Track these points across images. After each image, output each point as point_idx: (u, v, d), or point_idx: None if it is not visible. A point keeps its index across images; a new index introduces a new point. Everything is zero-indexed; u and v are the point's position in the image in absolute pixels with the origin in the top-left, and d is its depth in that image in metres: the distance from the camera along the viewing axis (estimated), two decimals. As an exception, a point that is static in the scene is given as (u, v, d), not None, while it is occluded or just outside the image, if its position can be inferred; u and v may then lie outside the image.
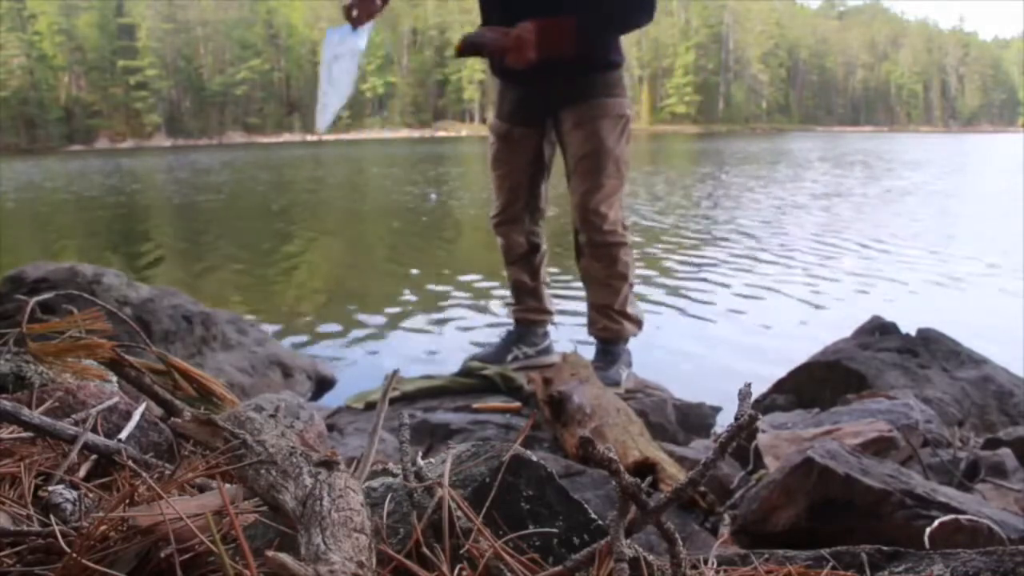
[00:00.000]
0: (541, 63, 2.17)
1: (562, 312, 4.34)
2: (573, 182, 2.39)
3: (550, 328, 2.77)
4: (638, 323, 2.55)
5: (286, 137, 64.67)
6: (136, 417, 0.91)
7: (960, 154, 25.72)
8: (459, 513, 0.60)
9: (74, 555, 0.55)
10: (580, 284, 2.61)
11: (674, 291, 5.13)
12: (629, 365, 2.55)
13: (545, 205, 2.61)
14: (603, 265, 2.42)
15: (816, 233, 7.66)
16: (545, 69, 2.21)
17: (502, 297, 4.71)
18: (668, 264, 6.12)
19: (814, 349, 2.65)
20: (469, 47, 2.19)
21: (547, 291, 2.70)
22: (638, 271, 2.72)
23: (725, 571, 0.65)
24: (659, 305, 4.67)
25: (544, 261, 2.67)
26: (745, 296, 5.00)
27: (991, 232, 7.56)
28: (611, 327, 2.50)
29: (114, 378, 1.12)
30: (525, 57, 2.14)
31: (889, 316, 2.81)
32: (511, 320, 2.74)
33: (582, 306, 2.62)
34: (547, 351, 2.70)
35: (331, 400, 3.01)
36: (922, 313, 4.16)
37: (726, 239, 7.37)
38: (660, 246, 6.97)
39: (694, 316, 4.55)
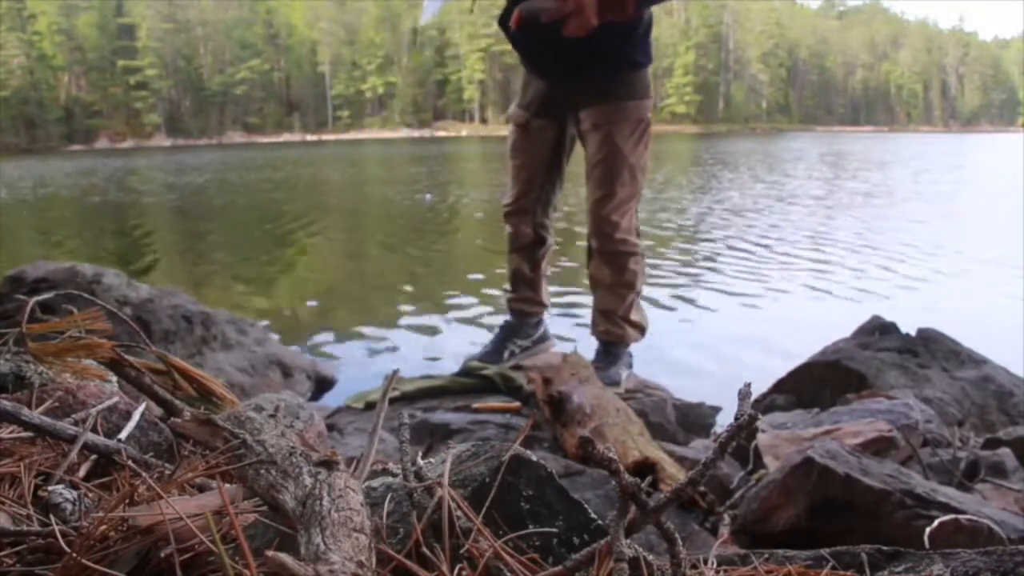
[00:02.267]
0: (567, 59, 2.12)
1: (563, 307, 4.35)
2: (589, 186, 2.37)
3: (545, 316, 2.75)
4: (642, 330, 2.54)
5: (286, 137, 64.69)
6: (136, 417, 0.91)
7: (958, 154, 25.70)
8: (459, 513, 0.60)
9: (74, 555, 0.55)
10: (582, 286, 2.60)
11: (673, 291, 5.13)
12: (630, 366, 2.54)
13: (558, 199, 2.60)
14: (611, 272, 2.40)
15: (809, 234, 7.66)
16: (570, 65, 2.17)
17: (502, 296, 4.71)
18: (666, 264, 6.12)
19: (814, 349, 2.65)
20: (529, 18, 2.06)
21: (545, 284, 2.69)
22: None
23: (725, 571, 0.65)
24: (659, 305, 4.67)
25: (548, 255, 2.65)
26: (745, 296, 5.00)
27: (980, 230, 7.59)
28: (614, 331, 2.49)
29: (114, 378, 1.12)
30: (587, 23, 1.89)
31: (889, 316, 2.81)
32: (506, 310, 2.73)
33: (584, 301, 2.61)
34: (543, 339, 2.68)
35: (331, 400, 3.01)
36: (922, 313, 4.17)
37: (723, 239, 7.37)
38: (656, 246, 6.98)
39: (694, 316, 4.55)
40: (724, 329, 4.26)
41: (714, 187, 13.17)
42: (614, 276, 2.41)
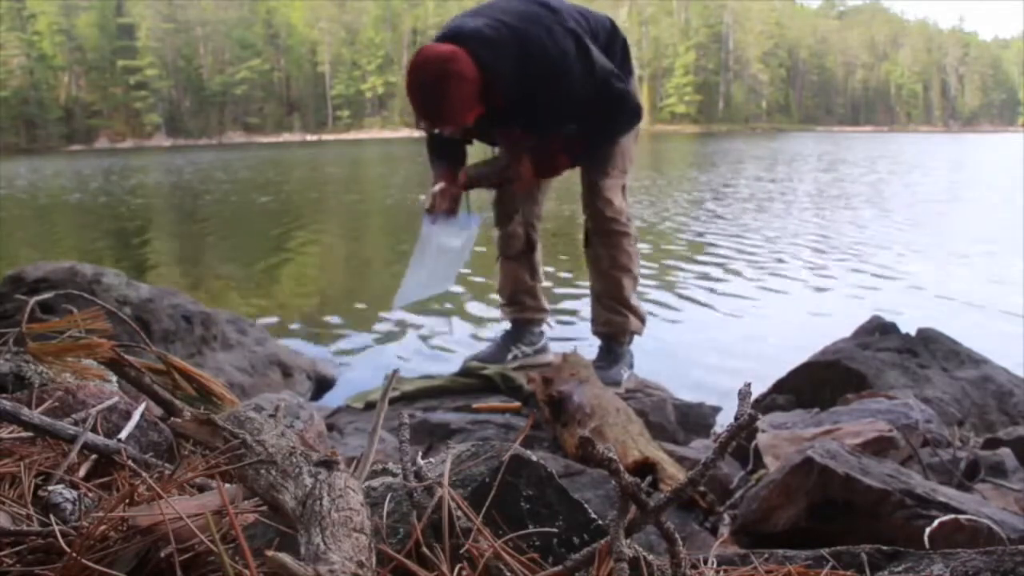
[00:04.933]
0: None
1: (564, 312, 4.35)
2: (582, 171, 2.46)
3: (545, 327, 2.78)
4: (642, 318, 2.56)
5: (286, 137, 64.70)
6: (136, 417, 0.91)
7: (938, 155, 25.54)
8: (459, 513, 0.60)
9: (74, 555, 0.55)
10: (581, 285, 2.63)
11: (673, 291, 5.12)
12: (631, 366, 2.55)
13: (543, 200, 2.63)
14: (608, 252, 2.45)
15: (809, 234, 7.67)
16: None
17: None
18: (666, 264, 6.12)
19: (814, 349, 2.65)
20: (473, 181, 2.32)
21: (542, 289, 2.71)
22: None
23: (725, 571, 0.65)
24: (659, 305, 4.67)
25: (541, 259, 2.68)
26: (745, 296, 5.00)
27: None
28: (614, 320, 2.50)
29: (114, 378, 1.12)
30: (527, 185, 2.40)
31: (890, 316, 2.81)
32: (507, 320, 2.74)
33: (584, 306, 2.62)
34: (543, 349, 2.71)
35: (331, 400, 3.01)
36: (923, 313, 4.17)
37: (724, 239, 7.38)
38: (657, 246, 6.98)
39: (694, 316, 4.55)
40: (724, 329, 4.26)
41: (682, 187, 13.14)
42: (611, 257, 2.46)
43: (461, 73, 1.97)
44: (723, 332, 4.18)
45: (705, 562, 0.65)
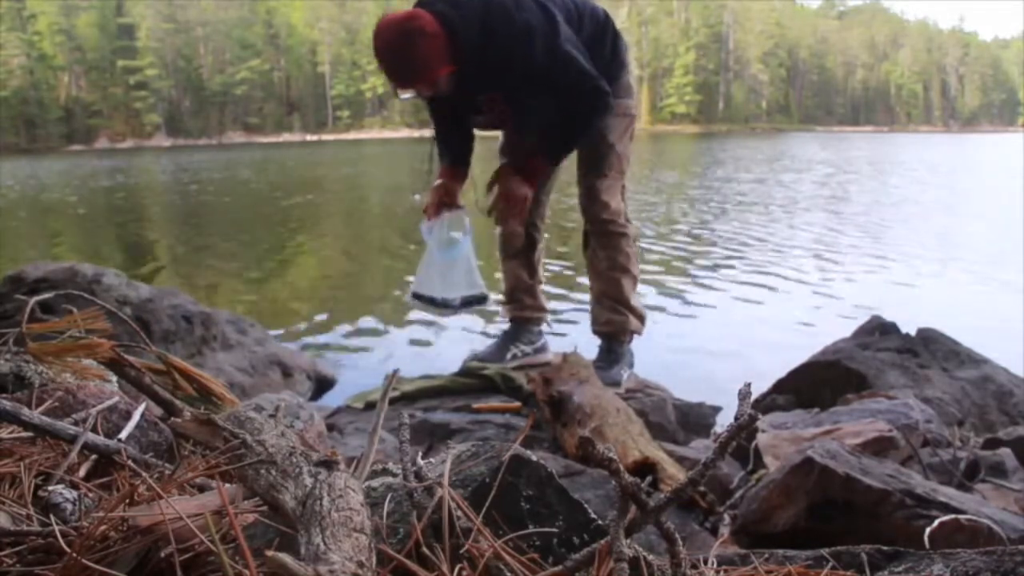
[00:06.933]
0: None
1: (564, 312, 4.36)
2: (579, 173, 2.45)
3: (544, 326, 2.78)
4: (642, 318, 2.56)
5: (286, 137, 64.66)
6: (136, 417, 0.91)
7: (918, 157, 25.37)
8: (459, 513, 0.60)
9: (74, 555, 0.55)
10: (580, 287, 2.62)
11: (673, 291, 5.13)
12: (631, 365, 2.55)
13: (547, 199, 2.62)
14: (606, 254, 2.45)
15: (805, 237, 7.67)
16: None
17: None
18: (666, 264, 6.12)
19: (814, 349, 2.65)
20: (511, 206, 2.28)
21: (542, 288, 2.71)
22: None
23: (725, 571, 0.65)
24: (659, 305, 4.68)
25: (542, 258, 2.68)
26: (745, 296, 5.00)
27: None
28: (614, 319, 2.50)
29: (114, 378, 1.12)
30: (524, 200, 2.31)
31: (890, 316, 2.81)
32: (506, 319, 2.75)
33: (584, 307, 2.62)
34: (543, 348, 2.71)
35: (331, 400, 3.01)
36: (924, 312, 4.17)
37: (723, 239, 7.38)
38: (657, 246, 6.98)
39: (694, 316, 4.55)
40: (724, 329, 4.26)
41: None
42: (610, 258, 2.46)
43: (423, 29, 1.97)
44: (723, 331, 4.18)
45: (705, 562, 0.65)
